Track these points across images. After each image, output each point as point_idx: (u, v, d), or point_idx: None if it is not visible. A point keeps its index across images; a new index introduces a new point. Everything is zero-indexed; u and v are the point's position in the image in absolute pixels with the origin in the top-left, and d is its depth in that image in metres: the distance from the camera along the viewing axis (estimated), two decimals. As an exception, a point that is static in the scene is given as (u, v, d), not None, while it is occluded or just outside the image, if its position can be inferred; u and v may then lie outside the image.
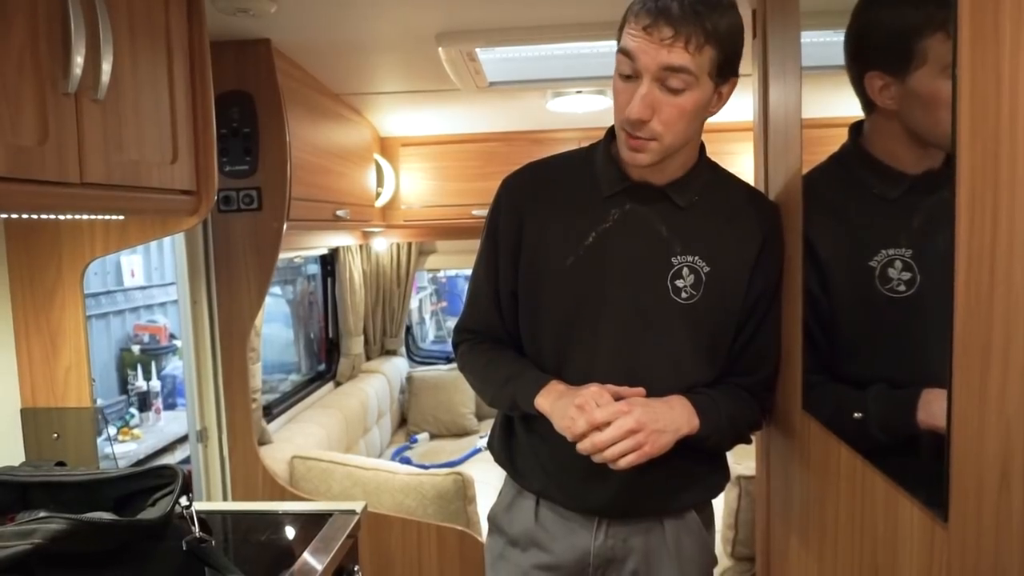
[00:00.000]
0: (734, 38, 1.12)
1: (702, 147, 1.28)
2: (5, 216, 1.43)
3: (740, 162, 2.73)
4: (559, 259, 1.25)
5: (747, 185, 1.32)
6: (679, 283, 1.22)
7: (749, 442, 1.35)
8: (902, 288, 1.00)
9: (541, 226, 1.27)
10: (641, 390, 1.18)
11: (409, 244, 4.04)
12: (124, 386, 4.79)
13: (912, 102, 0.95)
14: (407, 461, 3.44)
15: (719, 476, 1.36)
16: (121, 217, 1.50)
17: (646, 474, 1.22)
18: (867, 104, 1.04)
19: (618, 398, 1.16)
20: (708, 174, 1.28)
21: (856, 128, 1.11)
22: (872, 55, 1.00)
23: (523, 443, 1.34)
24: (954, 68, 0.73)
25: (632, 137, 1.16)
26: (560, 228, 1.26)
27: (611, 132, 1.27)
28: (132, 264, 5.39)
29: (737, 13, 1.13)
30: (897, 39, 0.93)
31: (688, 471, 1.28)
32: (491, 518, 1.43)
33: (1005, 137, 0.67)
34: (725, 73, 1.15)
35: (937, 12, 0.78)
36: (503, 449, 1.38)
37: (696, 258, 1.22)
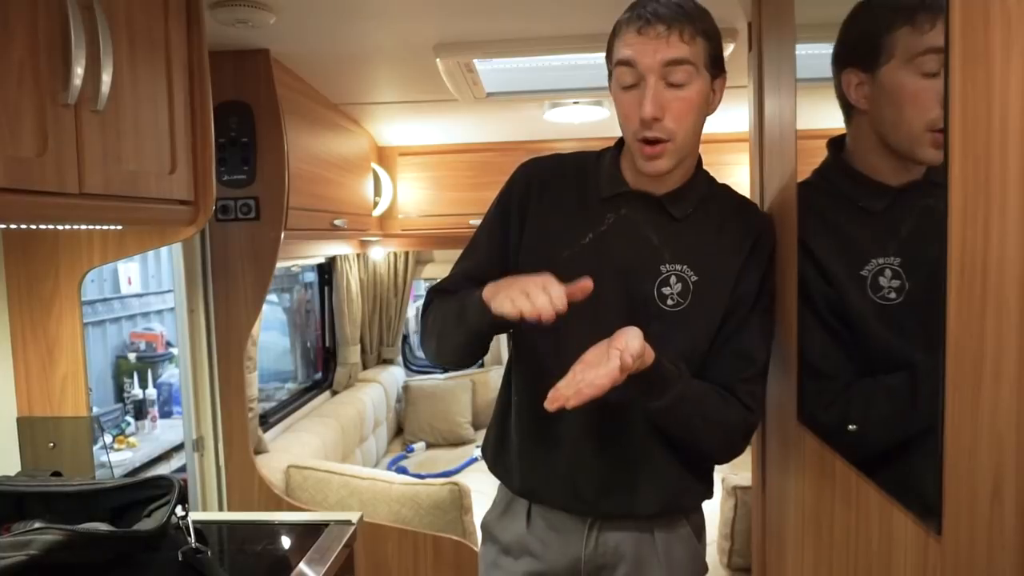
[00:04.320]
0: (716, 33, 1.19)
1: (699, 159, 1.30)
2: (4, 226, 1.43)
3: (736, 172, 2.75)
4: (556, 251, 1.27)
5: (739, 196, 1.34)
6: (665, 290, 1.24)
7: (725, 457, 1.31)
8: (893, 295, 1.01)
9: (544, 216, 1.29)
10: (588, 282, 1.09)
11: (406, 253, 4.04)
12: (120, 394, 4.77)
13: (881, 99, 0.97)
14: (403, 471, 3.44)
15: (706, 480, 1.35)
16: (119, 227, 1.51)
17: (633, 468, 1.26)
18: (846, 108, 1.05)
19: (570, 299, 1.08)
20: (704, 186, 1.29)
21: (836, 143, 1.12)
22: (848, 52, 1.02)
23: (517, 444, 1.34)
24: (946, 83, 0.74)
25: (647, 144, 1.18)
26: (561, 222, 1.29)
27: (620, 141, 1.29)
28: (129, 271, 5.38)
29: (710, 14, 1.19)
30: (868, 33, 0.95)
31: (677, 468, 1.28)
32: (484, 526, 1.44)
33: (996, 150, 0.68)
34: (717, 66, 1.20)
35: (904, 5, 0.79)
36: (497, 454, 1.39)
37: (684, 267, 1.24)
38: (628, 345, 1.08)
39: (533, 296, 1.05)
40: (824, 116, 1.27)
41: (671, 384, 1.18)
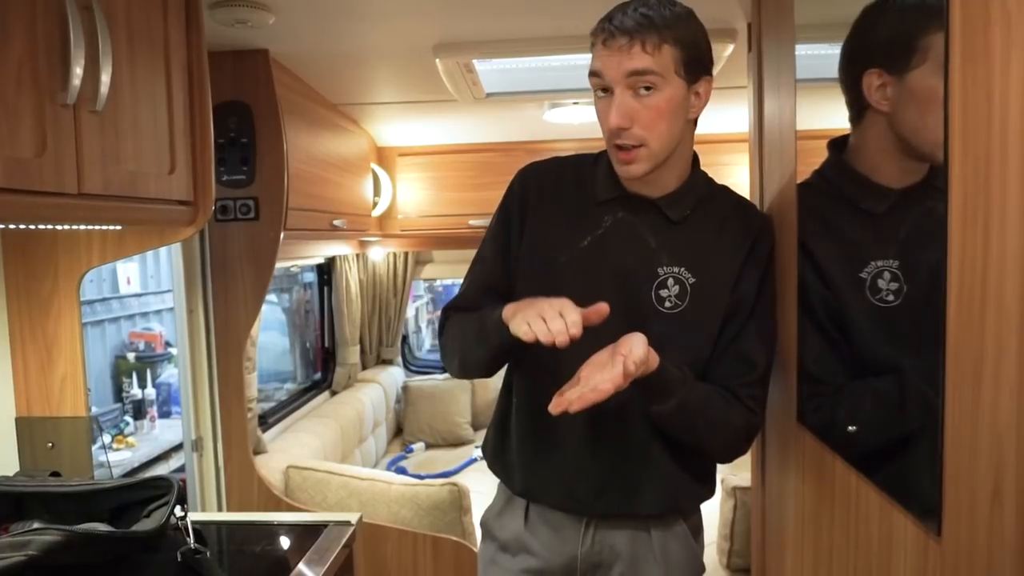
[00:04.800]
0: (693, 38, 1.18)
1: (696, 160, 1.30)
2: (3, 226, 1.43)
3: (735, 173, 2.75)
4: (555, 255, 1.28)
5: (738, 196, 1.34)
6: (663, 292, 1.24)
7: (727, 457, 1.31)
8: (891, 298, 1.01)
9: (543, 220, 1.31)
10: (605, 306, 1.11)
11: (406, 253, 4.04)
12: (119, 394, 4.76)
13: (907, 102, 0.96)
14: (403, 471, 3.43)
15: (705, 482, 1.35)
16: (118, 227, 1.51)
17: (630, 470, 1.26)
18: (858, 109, 1.05)
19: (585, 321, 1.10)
20: (702, 188, 1.29)
21: (837, 144, 1.12)
22: (873, 52, 1.01)
23: (515, 443, 1.35)
24: (946, 83, 0.74)
25: (621, 150, 1.20)
26: (559, 226, 1.30)
27: None
28: (128, 271, 5.37)
29: (690, 15, 1.19)
30: (900, 36, 0.94)
31: (673, 469, 1.28)
32: (483, 523, 1.45)
33: (996, 152, 0.68)
34: (695, 71, 1.19)
35: (939, 9, 0.78)
36: (496, 452, 1.40)
37: (682, 269, 1.24)
38: (632, 351, 1.09)
39: (549, 320, 1.07)
40: (824, 116, 1.27)
41: (675, 389, 1.19)
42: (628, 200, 1.27)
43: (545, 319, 1.08)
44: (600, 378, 1.07)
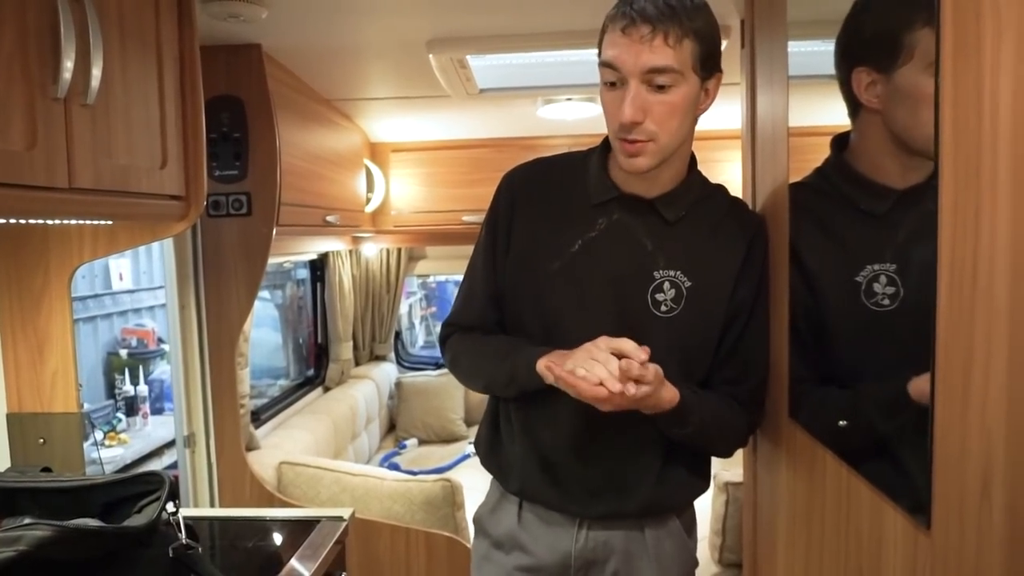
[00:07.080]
0: (711, 32, 1.15)
1: (693, 160, 1.29)
2: (-8, 220, 1.42)
3: (727, 170, 2.74)
4: (546, 262, 1.26)
5: (732, 197, 1.33)
6: (659, 296, 1.23)
7: (729, 454, 1.34)
8: (886, 302, 1.00)
9: (531, 226, 1.28)
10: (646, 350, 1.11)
11: (399, 250, 4.04)
12: (111, 390, 4.75)
13: (896, 100, 0.95)
14: (395, 467, 3.44)
15: (700, 477, 1.36)
16: (110, 222, 1.50)
17: (627, 471, 1.26)
18: (853, 107, 1.04)
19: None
20: (698, 188, 1.28)
21: (839, 142, 1.11)
22: (861, 50, 1.00)
23: (508, 443, 1.34)
24: (937, 78, 0.74)
25: (628, 142, 1.16)
26: (549, 231, 1.27)
27: (606, 141, 1.27)
28: (120, 267, 5.36)
29: (709, 10, 1.16)
30: (886, 33, 0.94)
31: (667, 469, 1.29)
32: (476, 520, 1.45)
33: (987, 146, 0.68)
34: (708, 67, 1.16)
35: (926, 6, 0.78)
36: (489, 450, 1.39)
37: (678, 272, 1.23)
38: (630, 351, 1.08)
39: (594, 367, 1.07)
40: (816, 113, 1.27)
41: (695, 412, 1.20)
42: (624, 201, 1.25)
43: (594, 361, 1.07)
44: (601, 374, 1.06)
